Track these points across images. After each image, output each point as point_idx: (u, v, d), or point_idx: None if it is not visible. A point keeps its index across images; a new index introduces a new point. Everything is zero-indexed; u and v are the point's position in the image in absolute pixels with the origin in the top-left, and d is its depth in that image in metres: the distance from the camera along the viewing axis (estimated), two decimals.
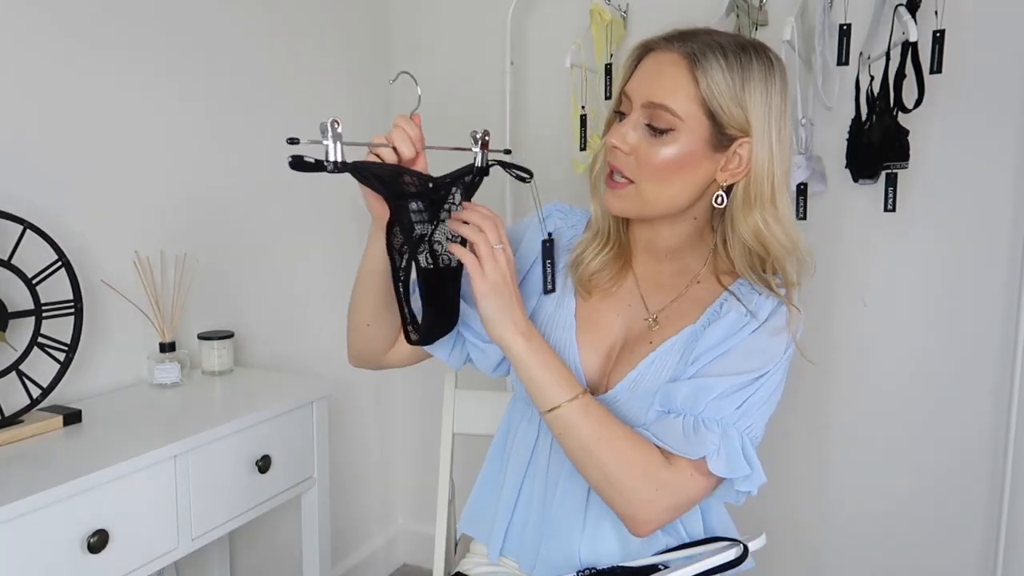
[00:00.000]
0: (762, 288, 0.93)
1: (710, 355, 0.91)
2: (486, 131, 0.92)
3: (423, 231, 0.90)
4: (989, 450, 1.64)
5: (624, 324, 1.00)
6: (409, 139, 0.87)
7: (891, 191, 1.56)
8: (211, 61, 1.57)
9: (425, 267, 0.91)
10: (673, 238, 0.98)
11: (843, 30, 1.50)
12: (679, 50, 0.89)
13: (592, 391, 0.97)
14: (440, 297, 0.93)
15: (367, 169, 0.84)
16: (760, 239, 0.91)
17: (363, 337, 1.02)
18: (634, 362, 0.95)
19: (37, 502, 0.94)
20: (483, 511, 1.11)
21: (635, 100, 0.91)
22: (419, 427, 2.23)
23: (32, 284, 1.17)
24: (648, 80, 0.91)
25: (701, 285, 0.99)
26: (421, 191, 0.88)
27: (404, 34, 2.11)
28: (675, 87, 0.88)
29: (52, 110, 1.28)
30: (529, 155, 1.98)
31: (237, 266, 1.67)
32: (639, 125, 0.91)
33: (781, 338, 0.92)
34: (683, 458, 0.87)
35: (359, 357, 1.06)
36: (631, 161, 0.91)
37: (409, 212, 0.88)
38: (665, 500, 0.87)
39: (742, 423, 0.89)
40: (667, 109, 0.88)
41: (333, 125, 0.80)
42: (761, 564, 1.01)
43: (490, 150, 0.93)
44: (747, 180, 0.90)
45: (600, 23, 1.73)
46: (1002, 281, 1.59)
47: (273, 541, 1.81)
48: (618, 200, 0.94)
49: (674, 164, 0.90)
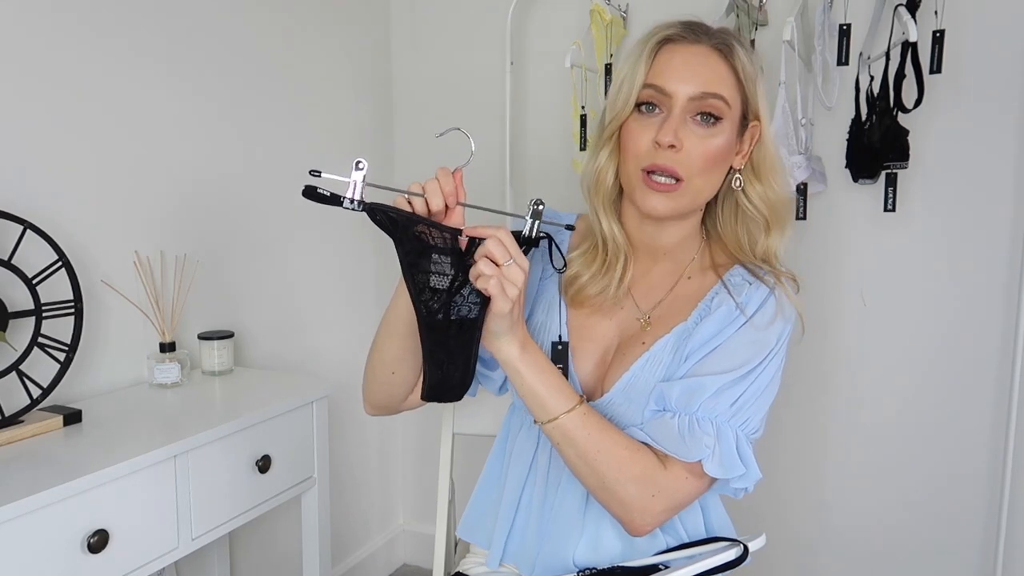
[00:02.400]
0: (759, 270, 0.94)
1: (702, 351, 0.91)
2: (540, 200, 0.86)
3: (439, 283, 0.84)
4: (989, 450, 1.64)
5: (617, 327, 0.99)
6: (441, 193, 0.83)
7: (891, 191, 1.56)
8: (211, 61, 1.57)
9: (430, 317, 0.85)
10: (677, 234, 0.98)
11: (843, 30, 1.50)
12: (707, 42, 0.91)
13: (588, 397, 0.97)
14: (450, 350, 0.87)
15: (382, 211, 0.82)
16: (769, 204, 0.96)
17: (386, 384, 0.98)
18: (627, 364, 0.95)
19: (37, 502, 0.94)
20: (482, 518, 1.11)
21: (678, 93, 0.89)
22: (419, 427, 2.23)
23: (32, 284, 1.17)
24: (693, 71, 0.89)
25: (692, 280, 0.98)
26: (443, 245, 0.84)
27: (404, 34, 2.11)
28: (722, 76, 0.90)
29: (52, 110, 1.28)
30: (529, 155, 1.99)
31: (237, 266, 1.67)
32: (687, 118, 0.90)
33: (773, 328, 0.92)
34: (678, 460, 0.87)
35: (377, 405, 1.03)
36: (682, 158, 0.90)
37: (430, 262, 0.84)
38: (661, 504, 0.88)
39: (737, 420, 0.89)
40: (722, 98, 0.89)
41: (358, 164, 0.81)
42: (759, 564, 1.01)
43: (544, 220, 0.87)
44: (760, 155, 0.95)
45: (600, 23, 1.73)
46: (1002, 281, 1.59)
47: (273, 541, 1.81)
48: (670, 201, 0.91)
49: (720, 154, 0.92)
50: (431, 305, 0.85)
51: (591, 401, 0.96)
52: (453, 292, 0.85)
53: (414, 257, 0.84)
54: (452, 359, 0.87)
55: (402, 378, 0.97)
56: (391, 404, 1.02)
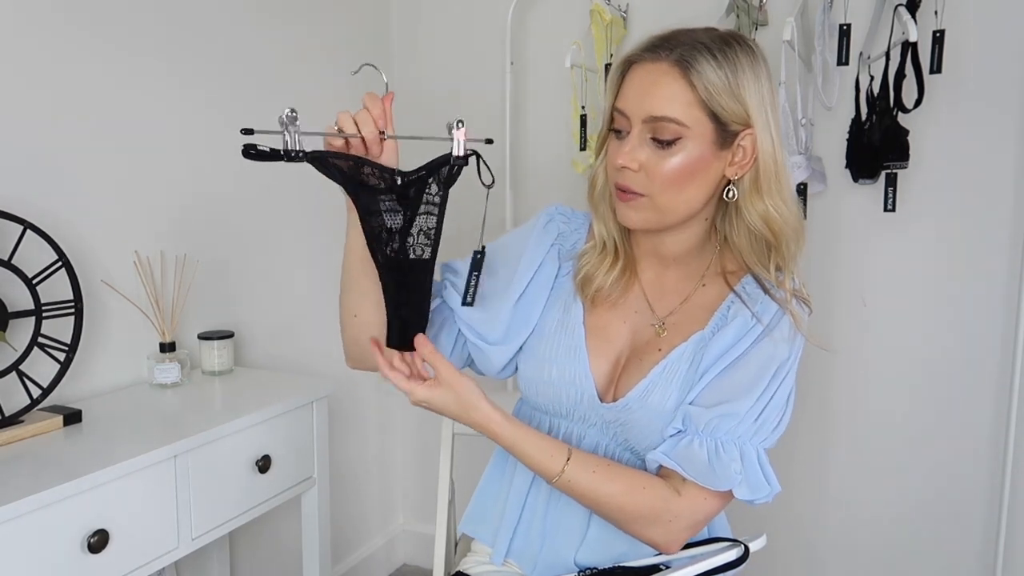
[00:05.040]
0: (769, 282, 0.94)
1: (720, 364, 0.92)
2: (460, 120, 0.86)
3: (392, 223, 0.86)
4: (989, 450, 1.64)
5: (631, 331, 0.99)
6: (372, 121, 0.85)
7: (891, 191, 1.56)
8: (212, 62, 1.57)
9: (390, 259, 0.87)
10: (680, 243, 0.98)
11: (843, 30, 1.50)
12: (666, 58, 0.87)
13: (600, 398, 0.97)
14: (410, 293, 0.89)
15: (327, 159, 0.82)
16: (769, 223, 0.92)
17: (352, 329, 0.98)
18: (644, 370, 0.95)
19: (37, 502, 0.94)
20: (487, 514, 1.11)
21: (634, 116, 0.89)
22: (419, 427, 2.23)
23: (32, 284, 1.17)
24: (644, 94, 0.88)
25: (707, 288, 0.98)
26: (385, 185, 0.85)
27: (404, 34, 2.11)
28: (673, 96, 0.87)
29: (52, 110, 1.28)
30: (529, 155, 1.98)
31: (237, 266, 1.67)
32: (644, 141, 0.89)
33: (788, 341, 0.92)
34: (698, 486, 0.88)
35: (355, 356, 1.03)
36: (641, 177, 0.90)
37: (379, 203, 0.85)
38: (681, 524, 0.90)
39: (758, 437, 0.91)
40: (671, 120, 0.87)
41: (290, 115, 0.79)
42: (761, 564, 1.01)
43: (469, 139, 0.87)
44: (756, 169, 0.90)
45: (600, 23, 1.73)
46: (1002, 281, 1.59)
47: (273, 541, 1.81)
48: (635, 212, 0.92)
49: (686, 171, 0.89)
50: (388, 247, 0.86)
51: (604, 403, 0.97)
52: (405, 233, 0.86)
53: (365, 200, 0.84)
54: (409, 302, 0.89)
55: (365, 321, 0.96)
56: (364, 354, 0.99)
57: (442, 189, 0.88)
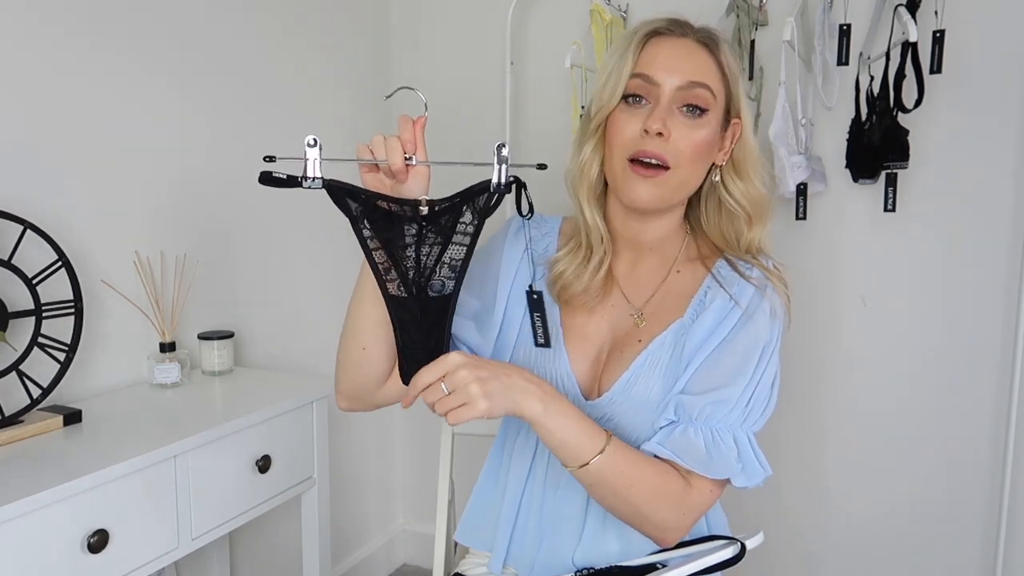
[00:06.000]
0: (743, 264, 0.95)
1: (704, 350, 0.92)
2: (503, 144, 0.83)
3: (421, 254, 0.81)
4: (989, 450, 1.64)
5: (610, 325, 0.99)
6: (399, 148, 0.82)
7: (891, 191, 1.56)
8: (211, 62, 1.57)
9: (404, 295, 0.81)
10: (661, 228, 0.99)
11: (843, 30, 1.50)
12: (693, 36, 0.92)
13: (585, 396, 0.97)
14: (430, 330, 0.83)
15: (342, 189, 0.79)
16: (751, 201, 0.96)
17: (357, 364, 0.93)
18: (626, 363, 0.95)
19: (37, 502, 0.94)
20: (482, 522, 1.10)
21: (667, 82, 0.90)
22: (419, 427, 2.23)
23: (32, 284, 1.17)
24: (681, 59, 0.90)
25: (682, 275, 0.99)
26: (408, 215, 0.80)
27: (404, 34, 2.11)
28: (708, 68, 0.91)
29: (53, 110, 1.28)
30: (529, 155, 1.98)
31: (237, 266, 1.67)
32: (674, 109, 0.91)
33: (769, 322, 0.92)
34: (702, 477, 0.89)
35: (350, 394, 0.98)
36: (670, 147, 0.90)
37: (404, 234, 0.80)
38: (691, 518, 0.91)
39: (748, 422, 0.91)
40: (708, 88, 0.90)
41: (311, 142, 0.78)
42: (758, 563, 1.01)
43: (512, 164, 0.82)
44: (741, 153, 0.96)
45: (600, 23, 1.73)
46: (1002, 281, 1.59)
47: (273, 541, 1.81)
48: (654, 188, 0.91)
49: (706, 146, 0.93)
50: (408, 280, 0.81)
51: (588, 400, 0.96)
52: (432, 265, 0.82)
53: (385, 232, 0.80)
54: (427, 344, 0.83)
55: (374, 356, 0.92)
56: (364, 391, 0.96)
57: (477, 218, 0.82)
